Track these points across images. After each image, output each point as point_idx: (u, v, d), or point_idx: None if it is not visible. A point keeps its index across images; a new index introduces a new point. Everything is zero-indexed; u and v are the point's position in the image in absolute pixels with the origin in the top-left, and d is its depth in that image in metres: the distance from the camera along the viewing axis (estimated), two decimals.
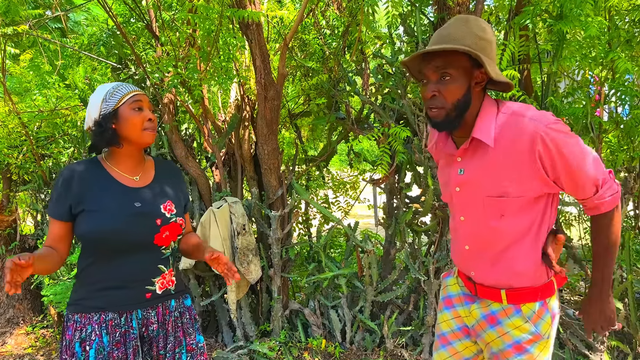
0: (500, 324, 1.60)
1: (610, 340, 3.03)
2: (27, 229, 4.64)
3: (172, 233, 1.76)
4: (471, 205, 1.59)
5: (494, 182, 1.49)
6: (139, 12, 3.43)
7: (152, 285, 1.73)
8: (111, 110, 1.68)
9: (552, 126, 1.40)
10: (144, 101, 1.72)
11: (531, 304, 1.57)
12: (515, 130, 1.44)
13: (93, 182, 1.68)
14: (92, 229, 1.62)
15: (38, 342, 3.95)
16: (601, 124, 2.85)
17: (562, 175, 1.44)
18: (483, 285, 1.64)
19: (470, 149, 1.56)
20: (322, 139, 4.81)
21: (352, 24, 3.65)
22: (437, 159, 1.81)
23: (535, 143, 1.40)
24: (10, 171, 4.11)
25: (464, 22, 1.47)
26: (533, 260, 1.54)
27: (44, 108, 3.84)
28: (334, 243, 5.07)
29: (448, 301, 1.82)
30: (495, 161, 1.48)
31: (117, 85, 1.72)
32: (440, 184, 1.77)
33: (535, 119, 1.42)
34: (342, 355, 3.45)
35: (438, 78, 1.47)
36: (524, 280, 1.55)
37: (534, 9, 2.66)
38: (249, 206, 3.58)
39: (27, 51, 4.54)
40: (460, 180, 1.60)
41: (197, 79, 3.09)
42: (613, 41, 2.80)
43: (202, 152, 4.01)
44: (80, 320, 1.66)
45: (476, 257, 1.63)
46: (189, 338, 1.83)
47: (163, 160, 1.93)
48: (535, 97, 3.12)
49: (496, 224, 1.52)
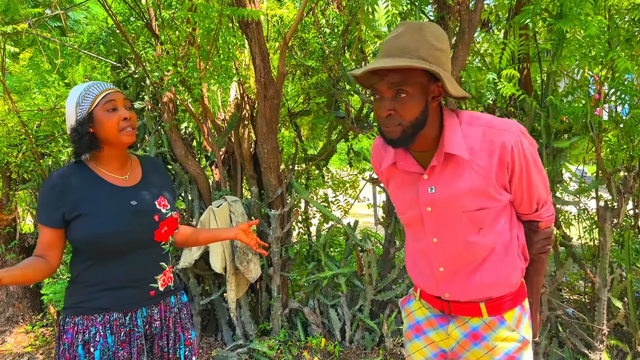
0: (486, 339, 1.50)
1: (610, 339, 3.03)
2: (27, 228, 4.64)
3: (170, 228, 1.76)
4: (446, 224, 1.47)
5: (470, 195, 1.41)
6: (139, 10, 3.43)
7: (155, 283, 1.74)
8: (86, 115, 1.63)
9: (521, 137, 1.38)
10: (117, 100, 1.65)
11: (512, 311, 1.52)
12: (484, 141, 1.39)
13: (84, 186, 1.64)
14: (91, 232, 1.59)
15: (37, 341, 3.95)
16: (601, 123, 2.85)
17: (520, 187, 1.43)
18: (459, 302, 1.53)
19: (439, 165, 1.45)
20: (321, 138, 4.81)
21: (351, 22, 3.65)
22: (386, 180, 1.64)
23: (505, 154, 1.36)
24: (9, 170, 4.11)
25: (417, 30, 1.35)
26: (509, 267, 1.49)
27: (44, 107, 3.83)
28: (334, 242, 5.07)
29: (417, 328, 1.67)
30: (469, 174, 1.40)
31: (89, 87, 1.66)
32: (400, 206, 1.60)
33: (504, 129, 1.38)
34: (342, 354, 3.45)
35: (393, 95, 1.34)
36: (503, 289, 1.50)
37: (533, 8, 2.66)
38: (248, 205, 3.58)
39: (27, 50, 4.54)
40: (432, 199, 1.46)
41: (196, 77, 3.09)
42: (613, 40, 2.80)
43: (201, 151, 4.01)
44: (82, 322, 1.63)
45: (452, 277, 1.52)
46: (187, 333, 1.84)
47: (146, 157, 1.90)
48: (534, 96, 3.12)
49: (475, 239, 1.45)
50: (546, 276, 3.08)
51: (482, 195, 1.41)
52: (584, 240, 3.64)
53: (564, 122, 3.02)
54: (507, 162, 1.37)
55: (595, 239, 3.45)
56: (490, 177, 1.39)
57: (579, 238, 3.71)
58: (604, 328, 2.95)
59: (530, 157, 1.40)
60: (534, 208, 1.50)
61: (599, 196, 3.17)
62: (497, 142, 1.37)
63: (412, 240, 1.62)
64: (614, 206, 2.93)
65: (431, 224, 1.50)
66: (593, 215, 3.45)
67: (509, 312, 1.51)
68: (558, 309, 3.18)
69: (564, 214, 3.62)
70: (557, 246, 3.30)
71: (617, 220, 2.90)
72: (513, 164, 1.38)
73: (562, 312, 3.18)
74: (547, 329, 3.15)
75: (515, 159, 1.37)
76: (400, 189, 1.57)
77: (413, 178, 1.50)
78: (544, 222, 1.54)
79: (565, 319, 3.18)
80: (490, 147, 1.38)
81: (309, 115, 4.19)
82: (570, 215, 3.69)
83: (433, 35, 1.35)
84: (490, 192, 1.40)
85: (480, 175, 1.39)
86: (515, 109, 3.11)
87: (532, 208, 1.50)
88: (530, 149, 1.41)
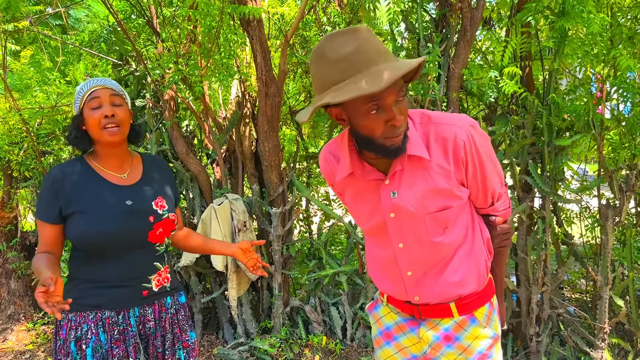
0: (459, 339, 1.48)
1: (612, 337, 3.03)
2: (28, 226, 4.65)
3: (166, 229, 1.73)
4: (411, 228, 1.42)
5: (433, 196, 1.38)
6: (140, 8, 3.42)
7: (149, 283, 1.71)
8: (78, 113, 1.64)
9: (472, 131, 1.36)
10: (102, 96, 1.62)
11: (482, 308, 1.50)
12: (437, 139, 1.36)
13: (82, 183, 1.64)
14: (84, 230, 1.59)
15: (39, 339, 3.96)
16: (603, 122, 2.85)
17: (475, 182, 1.41)
18: (428, 305, 1.50)
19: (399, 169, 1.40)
20: (323, 136, 4.80)
21: (353, 20, 3.64)
22: (340, 191, 1.56)
23: (458, 149, 1.34)
24: (11, 168, 4.11)
25: (358, 35, 1.23)
26: (476, 262, 1.47)
27: (45, 105, 3.83)
28: (335, 240, 5.07)
29: (387, 335, 1.62)
30: (429, 174, 1.37)
31: (84, 84, 1.65)
32: (360, 216, 1.53)
33: (454, 125, 1.35)
34: (343, 352, 3.45)
35: (396, 99, 1.25)
36: (471, 287, 1.47)
37: (535, 6, 2.65)
38: (249, 203, 3.58)
39: (28, 48, 4.54)
40: (395, 204, 1.40)
41: (198, 75, 3.08)
42: (615, 38, 2.79)
43: (202, 148, 4.01)
44: (75, 319, 1.63)
45: (420, 280, 1.48)
46: (184, 334, 1.82)
47: (150, 155, 1.88)
48: (536, 94, 3.11)
49: (440, 239, 1.42)
50: (547, 274, 3.07)
51: (443, 195, 1.38)
52: (586, 238, 3.64)
53: (566, 120, 3.02)
54: (462, 158, 1.35)
55: (597, 237, 3.44)
56: (450, 175, 1.37)
57: (580, 236, 3.70)
58: (606, 326, 2.95)
59: (483, 150, 1.38)
60: (489, 202, 1.49)
61: (600, 194, 3.17)
62: (450, 139, 1.34)
63: (375, 248, 1.56)
64: (616, 204, 2.92)
65: (395, 229, 1.45)
66: (595, 213, 3.44)
67: (479, 309, 1.50)
68: (560, 307, 3.18)
69: (566, 212, 3.61)
70: (559, 244, 3.29)
71: (619, 219, 2.89)
72: (466, 158, 1.36)
73: (563, 311, 3.18)
74: (549, 327, 3.15)
75: (468, 154, 1.35)
76: (358, 198, 1.50)
77: (372, 185, 1.44)
78: (501, 216, 1.53)
79: (566, 317, 3.18)
80: (444, 145, 1.36)
81: None
82: (572, 213, 3.68)
83: (370, 34, 1.26)
84: (452, 190, 1.38)
85: (440, 175, 1.37)
86: (517, 106, 3.10)
87: (487, 202, 1.48)
88: (483, 142, 1.38)
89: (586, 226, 3.53)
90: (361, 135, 1.32)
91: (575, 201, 3.13)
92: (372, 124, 1.26)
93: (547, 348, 3.14)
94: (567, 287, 4.38)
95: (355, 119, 1.29)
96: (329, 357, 3.42)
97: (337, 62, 1.22)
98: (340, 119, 1.34)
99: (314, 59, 1.28)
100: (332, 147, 1.53)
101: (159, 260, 1.75)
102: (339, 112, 1.32)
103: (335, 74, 1.23)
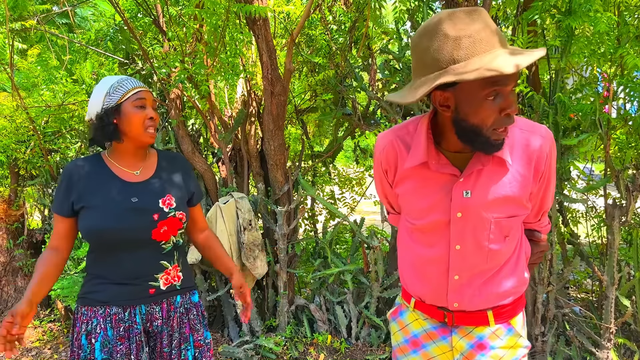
0: (494, 348, 1.42)
1: (617, 337, 3.02)
2: (35, 224, 4.67)
3: (171, 228, 1.73)
4: (474, 231, 1.35)
5: (505, 202, 1.32)
6: (146, 7, 3.43)
7: (156, 282, 1.72)
8: (114, 105, 1.65)
9: (554, 144, 1.32)
10: (147, 99, 1.69)
11: (517, 316, 1.47)
12: (522, 146, 1.31)
13: (93, 178, 1.68)
14: (89, 225, 1.63)
15: (45, 336, 3.98)
16: (609, 121, 2.83)
17: (537, 195, 1.37)
18: (464, 312, 1.43)
19: None
20: (328, 135, 4.80)
21: (359, 19, 3.64)
22: (399, 179, 1.45)
23: (541, 161, 1.30)
24: (18, 166, 4.14)
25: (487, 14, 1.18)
26: (520, 273, 1.44)
27: (52, 103, 3.85)
28: (340, 239, 5.07)
29: (414, 342, 1.54)
30: (508, 180, 1.31)
31: (122, 80, 1.69)
32: (418, 211, 1.42)
33: (541, 135, 1.30)
34: (348, 351, 3.45)
35: (513, 88, 1.19)
36: (511, 296, 1.43)
37: (542, 4, 2.64)
38: (255, 202, 3.59)
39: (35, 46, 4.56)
40: (465, 204, 1.33)
41: (203, 74, 3.09)
42: (622, 37, 2.78)
43: (208, 147, 4.02)
44: (87, 313, 1.67)
45: (465, 286, 1.41)
46: (196, 334, 1.81)
47: (168, 153, 1.88)
48: (543, 93, 3.10)
49: (499, 247, 1.35)
50: (553, 274, 3.07)
51: (515, 203, 1.32)
52: (592, 238, 3.63)
53: (573, 119, 3.00)
54: (542, 170, 1.31)
55: (603, 237, 3.43)
56: (528, 185, 1.31)
57: (586, 236, 3.69)
58: (612, 326, 2.94)
59: (554, 166, 1.34)
60: (538, 217, 1.45)
61: (607, 194, 3.16)
62: (535, 148, 1.29)
63: (419, 246, 1.45)
64: (623, 204, 2.91)
65: (457, 230, 1.36)
66: (601, 213, 3.43)
67: (515, 318, 1.46)
68: (565, 307, 3.17)
69: (572, 212, 3.60)
70: (565, 244, 3.28)
71: (625, 218, 2.88)
72: (544, 171, 1.31)
73: (569, 310, 3.17)
74: (555, 327, 3.14)
75: (546, 166, 1.31)
76: (421, 191, 1.39)
77: (444, 180, 1.35)
78: (544, 232, 1.50)
79: (572, 317, 3.17)
80: (528, 153, 1.30)
81: (316, 112, 4.18)
82: (578, 213, 3.67)
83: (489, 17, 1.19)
84: (523, 199, 1.32)
85: (519, 183, 1.31)
86: (523, 106, 3.10)
87: (538, 216, 1.45)
88: (555, 157, 1.34)
89: (592, 226, 3.52)
90: (468, 124, 1.21)
91: (581, 201, 3.12)
92: (487, 112, 1.18)
93: (552, 348, 3.14)
94: (573, 287, 4.37)
95: (466, 105, 1.19)
96: (334, 355, 3.42)
97: (460, 39, 1.13)
98: (444, 105, 1.24)
99: (425, 35, 1.19)
100: (402, 132, 1.42)
101: (167, 258, 1.74)
102: (448, 96, 1.22)
103: (457, 51, 1.13)
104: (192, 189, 1.86)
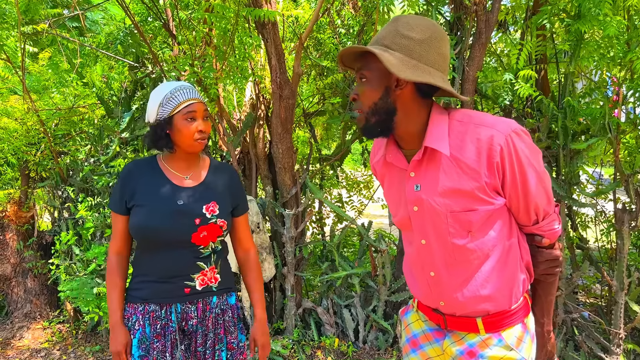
0: (483, 357, 1.41)
1: (627, 343, 3.00)
2: (45, 225, 4.70)
3: (211, 234, 1.76)
4: (433, 225, 1.39)
5: (456, 195, 1.34)
6: (156, 11, 3.46)
7: (192, 281, 1.75)
8: (166, 117, 1.71)
9: (514, 137, 1.29)
10: (197, 110, 1.72)
11: (511, 328, 1.42)
12: (471, 139, 1.32)
13: (146, 179, 1.76)
14: (136, 222, 1.71)
15: (54, 337, 4.00)
16: (619, 125, 2.82)
17: (514, 193, 1.34)
18: (454, 316, 1.45)
19: (424, 161, 1.38)
20: (336, 138, 4.81)
21: (367, 23, 3.65)
22: (381, 177, 1.58)
23: (492, 153, 1.28)
24: (28, 168, 4.18)
25: (393, 21, 1.35)
26: (507, 279, 1.39)
27: (62, 106, 3.89)
28: (348, 242, 5.07)
29: (414, 342, 1.58)
30: (455, 172, 1.33)
31: (175, 90, 1.73)
32: (391, 206, 1.53)
33: (494, 128, 1.30)
34: (355, 355, 3.45)
35: (359, 80, 1.38)
36: (501, 303, 1.40)
37: (551, 9, 2.64)
38: (263, 205, 3.60)
39: (46, 50, 4.61)
40: (418, 198, 1.39)
41: (213, 77, 3.11)
42: (632, 41, 2.77)
43: (217, 150, 4.03)
44: (128, 309, 1.76)
45: (444, 283, 1.43)
46: (230, 336, 1.83)
47: (220, 162, 1.94)
48: (552, 97, 3.09)
49: (463, 242, 1.36)
50: (562, 279, 3.05)
51: (467, 196, 1.33)
52: (601, 242, 3.61)
53: (582, 123, 3.00)
54: (497, 163, 1.29)
55: (612, 242, 3.41)
56: (479, 178, 1.31)
57: (595, 241, 3.67)
58: (621, 332, 2.92)
59: (526, 159, 1.30)
60: (532, 219, 1.40)
61: (616, 199, 3.14)
62: (484, 141, 1.29)
63: (406, 244, 1.54)
64: (632, 209, 2.90)
65: (418, 224, 1.43)
66: (610, 217, 3.41)
67: (508, 329, 1.42)
68: (574, 312, 3.15)
69: (581, 216, 3.59)
70: (574, 248, 3.27)
71: (635, 223, 2.87)
72: (504, 165, 1.29)
73: (578, 315, 3.16)
74: (563, 332, 3.13)
75: (505, 160, 1.29)
76: (391, 187, 1.52)
77: (401, 175, 1.46)
78: (546, 237, 1.43)
79: (581, 322, 3.15)
80: (478, 146, 1.31)
81: (324, 116, 4.20)
82: (587, 217, 3.65)
83: (406, 25, 1.33)
84: (477, 193, 1.32)
85: (468, 175, 1.32)
86: (532, 110, 3.09)
87: (531, 219, 1.40)
88: (526, 151, 1.31)
89: (601, 230, 3.50)
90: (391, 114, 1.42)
91: (590, 205, 3.10)
92: None
93: (561, 353, 3.12)
94: (582, 292, 4.34)
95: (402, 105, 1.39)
96: (341, 359, 3.42)
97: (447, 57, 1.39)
98: (399, 95, 1.39)
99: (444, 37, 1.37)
100: None
101: (205, 260, 1.78)
102: (408, 92, 1.38)
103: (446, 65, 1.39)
104: (238, 200, 1.89)
